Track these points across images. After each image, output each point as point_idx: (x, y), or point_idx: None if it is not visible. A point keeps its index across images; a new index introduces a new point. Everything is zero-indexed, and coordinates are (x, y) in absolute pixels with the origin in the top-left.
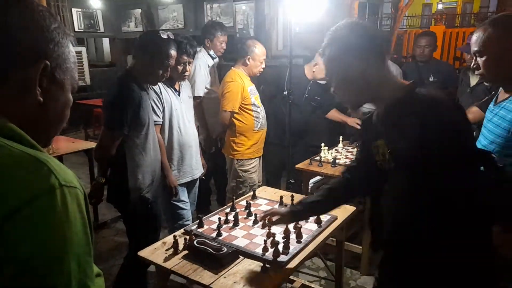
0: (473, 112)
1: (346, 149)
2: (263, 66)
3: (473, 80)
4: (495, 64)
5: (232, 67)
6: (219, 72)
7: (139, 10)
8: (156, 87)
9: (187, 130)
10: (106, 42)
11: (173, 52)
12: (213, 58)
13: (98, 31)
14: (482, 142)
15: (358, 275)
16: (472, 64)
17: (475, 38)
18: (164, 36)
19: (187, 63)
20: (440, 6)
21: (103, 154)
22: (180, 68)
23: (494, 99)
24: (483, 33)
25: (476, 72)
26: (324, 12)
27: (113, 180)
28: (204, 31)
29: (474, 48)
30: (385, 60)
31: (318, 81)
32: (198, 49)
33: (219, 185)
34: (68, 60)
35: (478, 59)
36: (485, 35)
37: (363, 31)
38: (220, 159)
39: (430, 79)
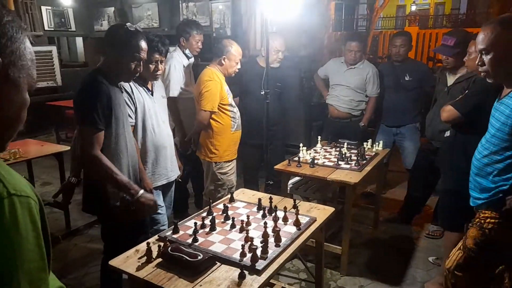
0: (447, 111)
1: (324, 149)
2: (239, 66)
3: (450, 80)
4: (499, 61)
5: (207, 66)
6: (195, 72)
7: (112, 9)
8: (127, 86)
9: (161, 130)
10: (79, 41)
11: (143, 44)
12: (188, 58)
13: (69, 30)
14: (486, 136)
15: (339, 276)
16: (477, 62)
17: (482, 37)
18: (132, 29)
19: (159, 62)
20: (413, 8)
21: (82, 157)
22: (152, 67)
23: (498, 96)
24: (491, 32)
25: (480, 69)
26: (301, 12)
27: (89, 186)
28: (179, 30)
29: (480, 46)
30: None
31: (272, 66)
32: (173, 48)
33: (197, 188)
34: (24, 57)
35: (484, 56)
36: (493, 34)
37: None
38: (197, 161)
39: (406, 78)
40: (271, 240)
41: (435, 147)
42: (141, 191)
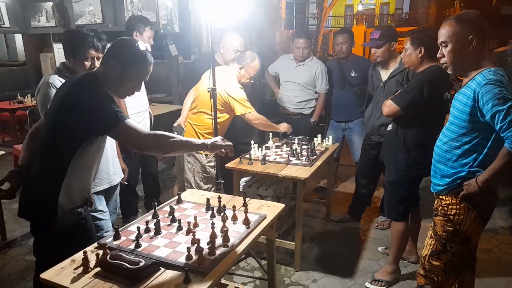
0: (387, 105)
1: (276, 145)
2: (252, 80)
3: (384, 75)
4: (456, 53)
5: (232, 68)
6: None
7: (51, 4)
8: (59, 84)
9: None
10: (18, 38)
11: (150, 68)
12: None
13: (2, 26)
14: (447, 124)
15: (293, 271)
16: (438, 54)
17: (442, 31)
18: (143, 48)
19: (95, 58)
20: (360, 7)
21: (139, 147)
22: (87, 63)
23: (459, 86)
24: (448, 27)
25: (442, 60)
26: (250, 11)
27: (33, 189)
28: (131, 25)
29: (440, 39)
30: None
31: (230, 65)
32: None
33: (148, 189)
34: None
35: (443, 49)
36: (450, 28)
37: None
38: (148, 161)
39: (352, 74)
40: (219, 240)
41: (376, 142)
42: (209, 141)
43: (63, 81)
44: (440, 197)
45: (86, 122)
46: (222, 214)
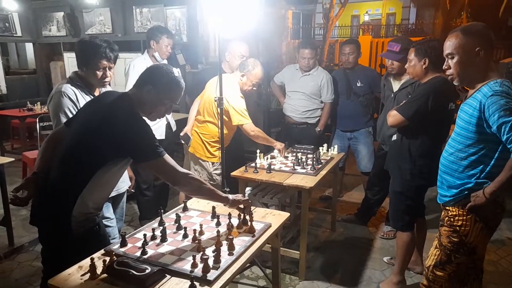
0: (392, 116)
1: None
2: (255, 88)
3: (395, 86)
4: (462, 65)
5: (235, 75)
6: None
7: (62, 13)
8: (72, 95)
9: None
10: (29, 47)
11: (181, 93)
12: (158, 61)
13: (14, 35)
14: (453, 135)
15: (297, 281)
16: (444, 66)
17: (448, 43)
18: (176, 74)
19: (107, 68)
20: (366, 18)
21: (172, 183)
22: (99, 73)
23: (464, 97)
24: (455, 39)
25: (447, 72)
26: (257, 21)
27: (48, 198)
28: (150, 34)
29: (446, 51)
30: None
31: None
32: (136, 54)
33: (158, 194)
34: None
35: (450, 61)
36: (457, 40)
37: None
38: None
39: (358, 85)
40: (224, 248)
41: (387, 151)
42: (230, 197)
43: (76, 90)
44: (447, 208)
45: (121, 146)
46: (227, 222)
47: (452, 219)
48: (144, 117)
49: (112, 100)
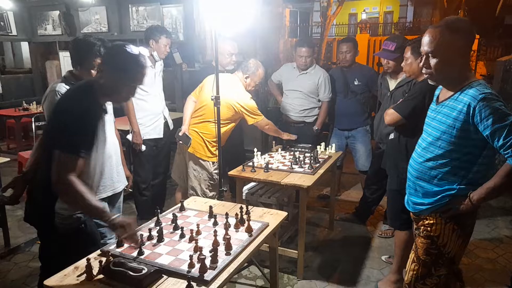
0: (389, 114)
1: (279, 153)
2: (256, 87)
3: (392, 84)
4: (444, 65)
5: (237, 76)
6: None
7: (57, 12)
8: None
9: (105, 138)
10: (25, 46)
11: (144, 70)
12: (155, 60)
13: (9, 34)
14: (426, 140)
15: (295, 280)
16: (421, 63)
17: (429, 39)
18: (135, 52)
19: None
20: (364, 16)
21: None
22: (94, 72)
23: (435, 99)
24: (439, 35)
25: (424, 71)
26: (254, 19)
27: (35, 196)
28: (149, 33)
29: (426, 48)
30: None
31: (227, 69)
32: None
33: (155, 193)
34: None
35: (431, 59)
36: (440, 37)
37: None
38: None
39: (355, 83)
40: (222, 248)
41: (383, 150)
42: (114, 216)
43: None
44: (422, 217)
45: (67, 130)
46: (224, 222)
47: (429, 229)
48: (108, 104)
49: (68, 90)
